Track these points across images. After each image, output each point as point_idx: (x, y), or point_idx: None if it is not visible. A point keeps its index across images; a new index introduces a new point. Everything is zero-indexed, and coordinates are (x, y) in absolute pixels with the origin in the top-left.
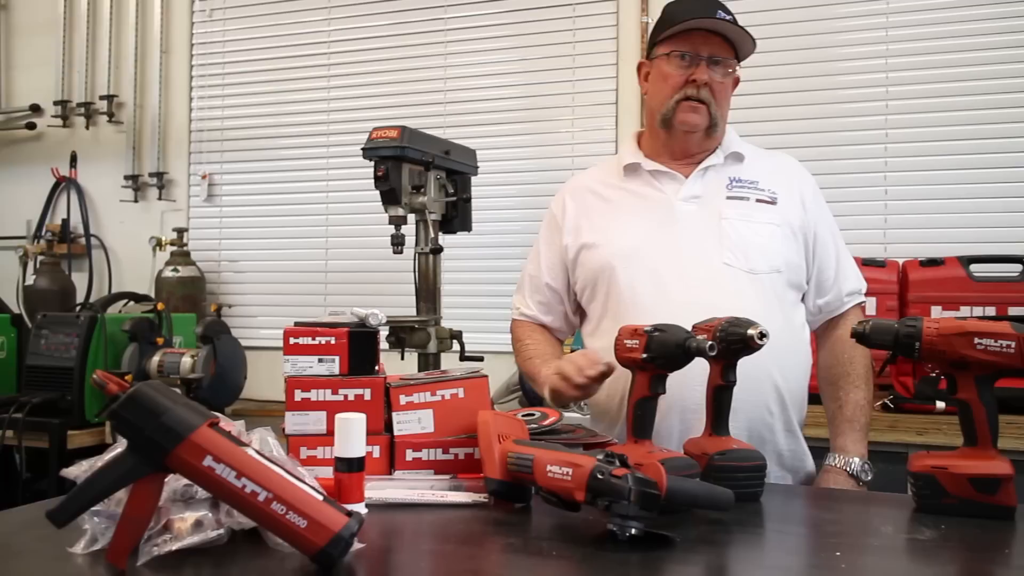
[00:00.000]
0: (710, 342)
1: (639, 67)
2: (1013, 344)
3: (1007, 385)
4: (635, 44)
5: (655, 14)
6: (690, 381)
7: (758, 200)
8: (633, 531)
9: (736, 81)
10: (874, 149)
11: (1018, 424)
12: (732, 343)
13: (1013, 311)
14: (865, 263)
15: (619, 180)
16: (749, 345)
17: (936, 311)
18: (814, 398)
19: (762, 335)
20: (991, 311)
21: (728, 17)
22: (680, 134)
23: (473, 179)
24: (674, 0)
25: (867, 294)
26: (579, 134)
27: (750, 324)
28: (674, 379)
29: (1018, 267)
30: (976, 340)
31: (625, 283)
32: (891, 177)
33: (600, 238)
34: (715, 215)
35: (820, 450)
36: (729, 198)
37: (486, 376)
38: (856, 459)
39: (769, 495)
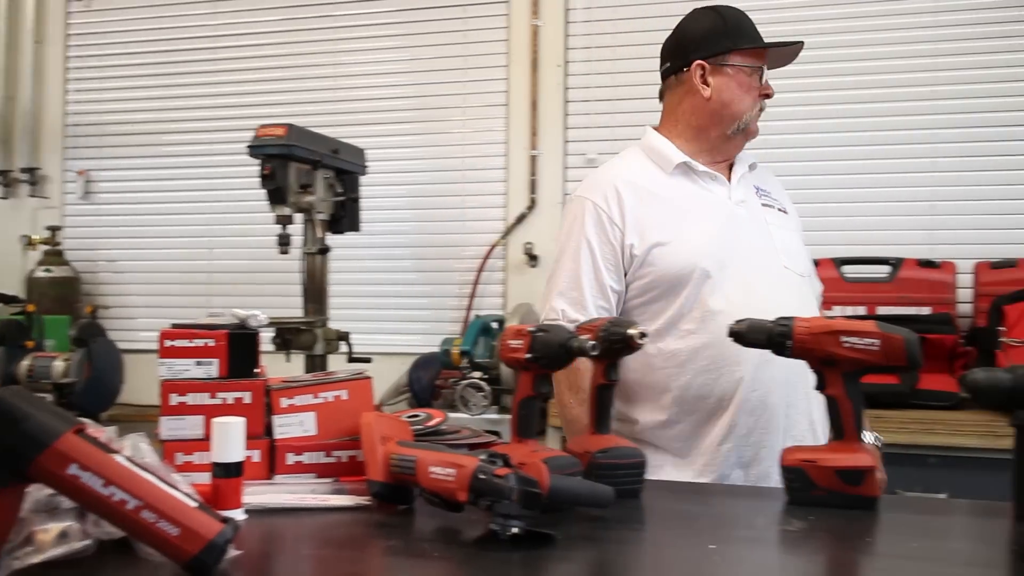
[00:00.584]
0: (592, 342)
1: (698, 67)
2: (877, 342)
3: (872, 381)
4: (526, 46)
5: (546, 17)
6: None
7: (779, 209)
8: (515, 530)
9: None
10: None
11: (885, 419)
12: (614, 343)
13: (881, 310)
14: None
15: (665, 178)
16: (630, 345)
17: None
18: None
19: (643, 335)
20: (861, 310)
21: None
22: (740, 140)
23: (362, 179)
24: (737, 9)
25: None
26: (470, 135)
27: (630, 324)
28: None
29: (887, 268)
30: (843, 338)
31: (716, 284)
32: None
33: (672, 236)
34: (762, 220)
35: None
36: (763, 205)
37: (370, 378)
38: (867, 433)
39: (650, 491)
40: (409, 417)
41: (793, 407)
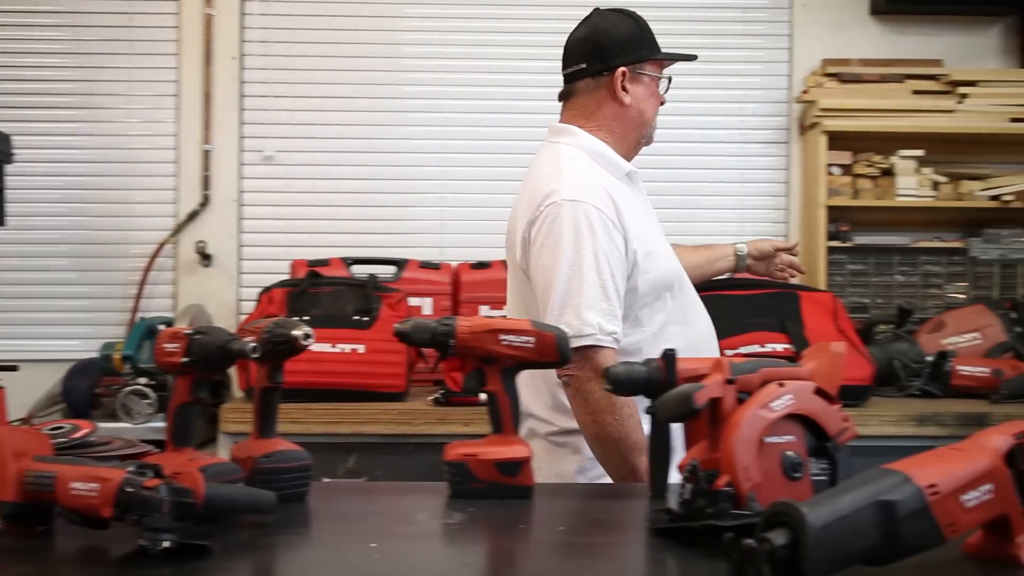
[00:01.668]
0: (253, 344)
1: (622, 73)
2: (532, 340)
3: None
4: (198, 36)
5: (220, 6)
6: None
7: None
8: (166, 544)
9: None
10: (431, 158)
11: None
12: (278, 344)
13: None
14: (423, 266)
15: (618, 182)
16: (295, 346)
17: (484, 310)
18: None
19: (307, 335)
20: None
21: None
22: (641, 148)
23: (8, 168)
24: (641, 19)
25: (423, 295)
26: (137, 125)
27: (295, 325)
28: None
29: None
30: (501, 336)
31: (688, 289)
32: (447, 185)
33: (653, 242)
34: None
35: None
36: None
37: (2, 388)
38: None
39: (317, 493)
40: (51, 429)
41: None
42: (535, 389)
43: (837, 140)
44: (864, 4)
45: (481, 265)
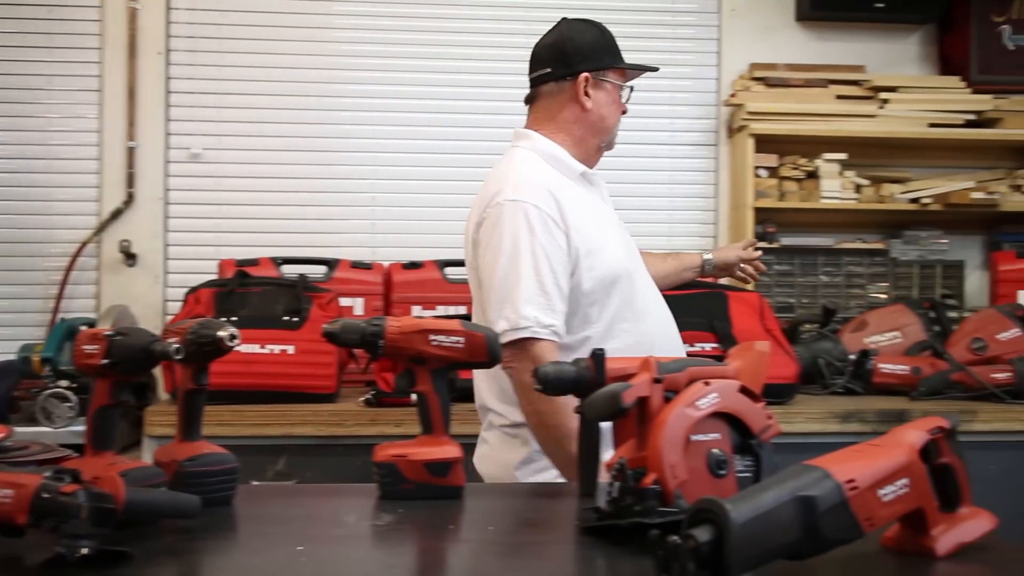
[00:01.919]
0: (176, 345)
1: (585, 79)
2: (462, 340)
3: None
4: (122, 29)
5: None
6: None
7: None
8: (84, 550)
9: None
10: (363, 157)
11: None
12: (202, 345)
13: None
14: (354, 265)
15: (572, 183)
16: (220, 347)
17: (416, 310)
18: None
19: (232, 336)
20: (463, 310)
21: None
22: (603, 153)
23: None
24: (606, 30)
25: (355, 295)
26: (57, 121)
27: (220, 326)
28: None
29: None
30: (431, 337)
31: (639, 286)
32: (379, 185)
33: (600, 240)
34: (624, 228)
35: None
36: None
37: None
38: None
39: (243, 497)
40: None
41: None
42: (491, 383)
43: (764, 143)
44: (790, 10)
45: (413, 265)
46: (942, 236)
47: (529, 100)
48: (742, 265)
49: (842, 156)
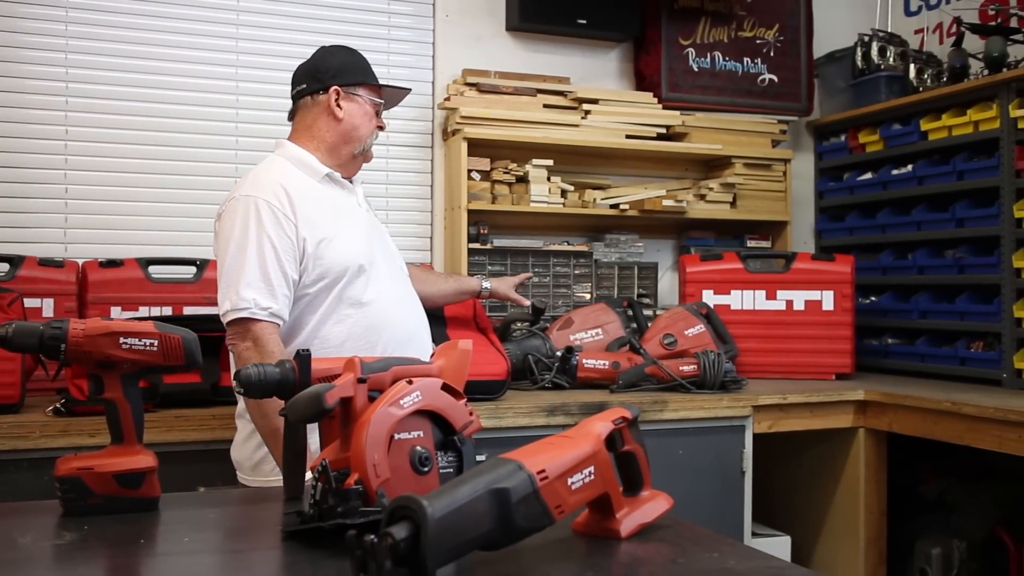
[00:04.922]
0: None
1: (335, 92)
2: (155, 342)
3: (175, 381)
4: None
5: None
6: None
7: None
8: None
9: None
10: (55, 145)
11: (186, 417)
12: None
13: (188, 310)
14: (43, 263)
15: (316, 183)
16: None
17: (116, 311)
18: None
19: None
20: (168, 310)
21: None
22: (360, 161)
23: None
24: (358, 53)
25: (44, 295)
26: None
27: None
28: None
29: (192, 269)
30: (121, 340)
31: (374, 280)
32: (71, 176)
33: (334, 233)
34: (381, 228)
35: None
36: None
37: None
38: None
39: None
40: None
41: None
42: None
43: (477, 147)
44: (501, 20)
45: (112, 263)
46: (638, 240)
47: (291, 115)
48: (513, 296)
49: (549, 162)
